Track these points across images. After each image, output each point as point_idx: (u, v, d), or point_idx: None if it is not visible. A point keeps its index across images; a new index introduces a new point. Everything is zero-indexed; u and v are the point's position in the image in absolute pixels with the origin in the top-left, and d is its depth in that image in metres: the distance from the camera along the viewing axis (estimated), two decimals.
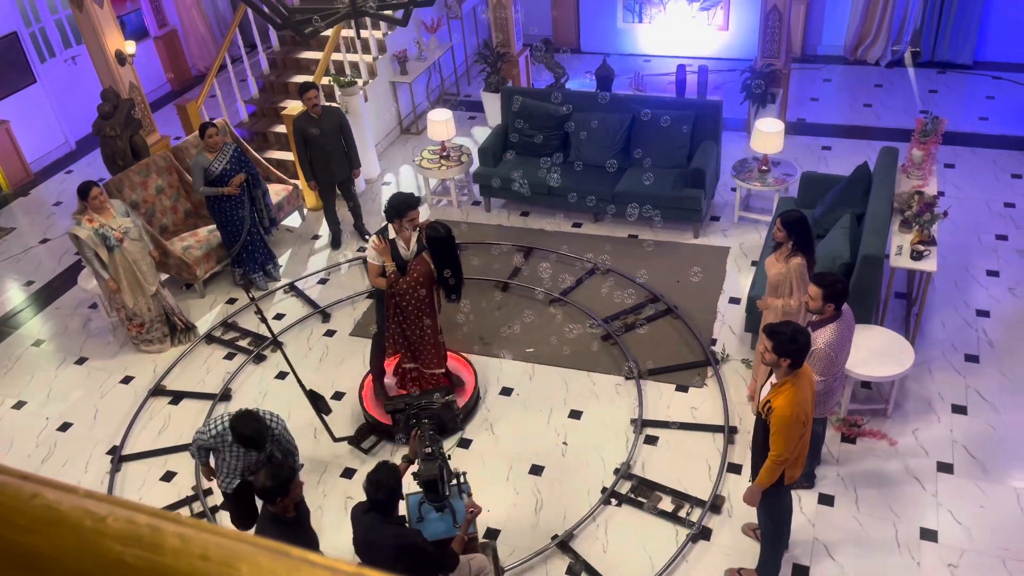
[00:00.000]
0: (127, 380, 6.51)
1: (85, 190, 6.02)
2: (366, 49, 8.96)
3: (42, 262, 8.15)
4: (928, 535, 4.68)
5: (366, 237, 7.66)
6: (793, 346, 3.70)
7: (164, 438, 5.92)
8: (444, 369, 5.61)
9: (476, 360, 6.11)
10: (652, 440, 5.47)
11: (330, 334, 6.75)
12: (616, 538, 4.88)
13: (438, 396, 4.55)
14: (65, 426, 6.15)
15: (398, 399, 4.59)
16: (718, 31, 10.31)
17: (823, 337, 4.23)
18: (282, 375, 6.26)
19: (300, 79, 8.92)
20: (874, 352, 5.27)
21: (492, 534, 4.96)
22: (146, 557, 0.51)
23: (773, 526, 4.31)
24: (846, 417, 5.38)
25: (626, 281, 6.81)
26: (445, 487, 4.16)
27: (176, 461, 5.72)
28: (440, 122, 7.93)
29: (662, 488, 5.12)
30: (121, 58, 7.80)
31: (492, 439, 5.60)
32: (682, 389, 5.83)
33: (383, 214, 5.21)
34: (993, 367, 5.72)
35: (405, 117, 9.74)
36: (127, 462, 5.76)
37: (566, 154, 7.70)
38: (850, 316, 4.38)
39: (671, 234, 7.41)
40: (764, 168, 7.32)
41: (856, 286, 5.29)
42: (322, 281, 7.42)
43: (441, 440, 4.26)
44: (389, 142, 9.47)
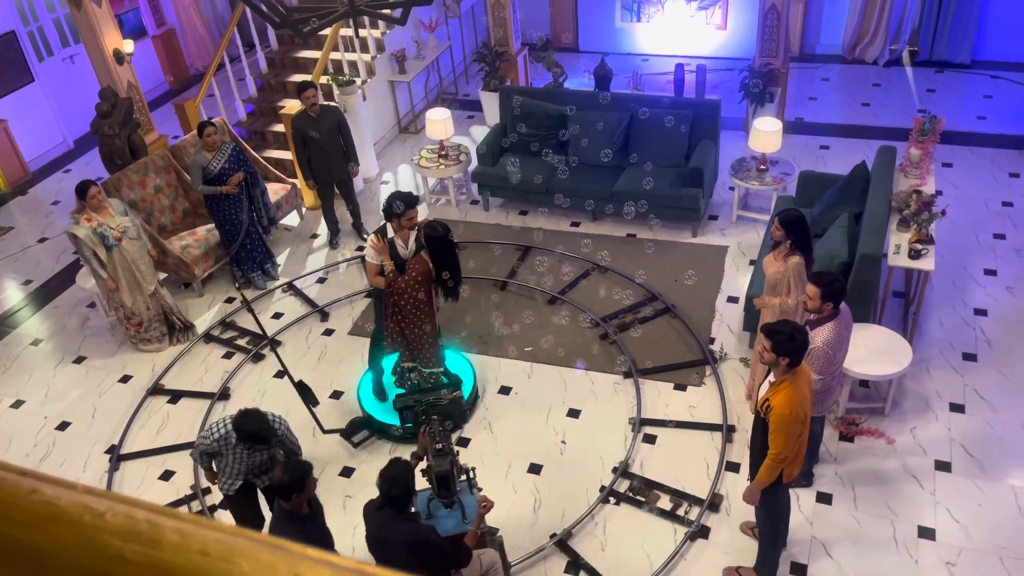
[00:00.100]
0: (125, 379, 6.51)
1: (83, 189, 6.01)
2: (364, 48, 8.95)
3: (40, 261, 8.15)
4: (926, 533, 4.69)
5: (364, 236, 7.66)
6: (791, 345, 3.70)
7: (162, 437, 5.92)
8: (443, 368, 5.61)
9: (475, 359, 6.11)
10: (650, 439, 5.48)
11: (328, 333, 6.75)
12: (615, 537, 4.88)
13: (445, 392, 4.54)
14: (63, 425, 6.15)
15: (407, 395, 4.58)
16: (716, 30, 10.31)
17: (821, 336, 4.23)
18: (280, 374, 6.25)
19: (298, 78, 8.92)
20: (872, 351, 5.28)
21: (490, 533, 4.96)
22: (145, 553, 0.51)
23: (771, 524, 4.32)
24: (844, 416, 5.38)
25: (624, 280, 6.82)
26: (456, 483, 4.17)
27: (175, 460, 5.72)
28: (438, 121, 7.93)
29: (660, 487, 5.13)
30: (119, 57, 7.79)
31: (491, 438, 5.60)
32: (680, 388, 5.83)
33: (381, 213, 5.21)
34: (991, 366, 5.72)
35: (403, 116, 9.74)
36: (125, 461, 5.76)
37: (565, 153, 7.69)
38: (848, 315, 4.39)
39: (669, 233, 7.41)
40: (762, 167, 7.32)
41: (854, 285, 5.29)
42: (320, 280, 7.42)
43: (451, 436, 4.27)
44: (388, 141, 9.47)
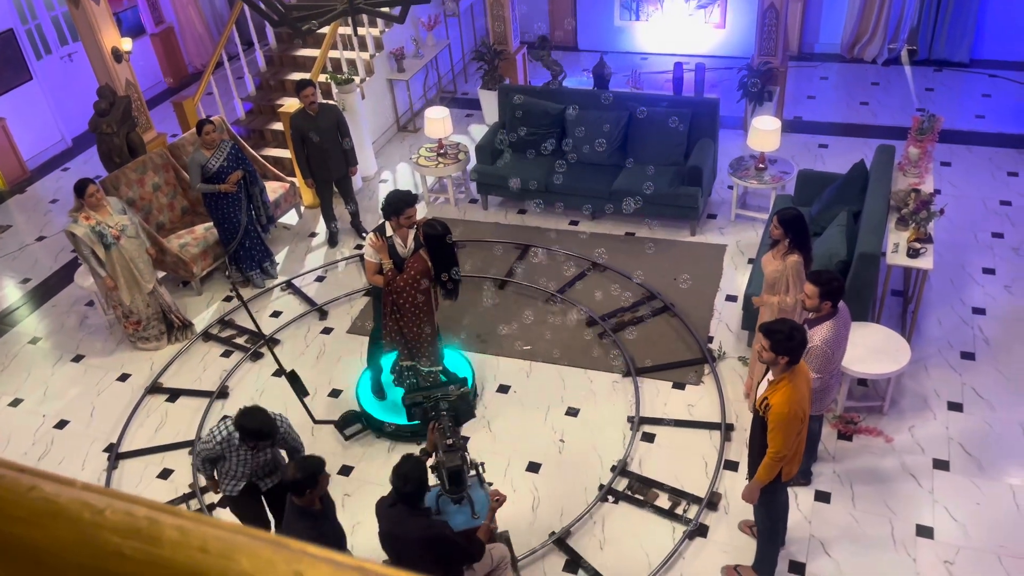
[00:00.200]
0: (124, 378, 6.51)
1: (81, 187, 6.00)
2: (363, 46, 8.95)
3: (38, 260, 8.14)
4: (924, 532, 4.70)
5: (363, 235, 7.65)
6: (790, 344, 3.70)
7: (161, 435, 5.91)
8: (441, 366, 5.61)
9: (473, 357, 6.11)
10: (649, 437, 5.48)
11: (327, 332, 6.75)
12: (613, 535, 4.88)
13: (453, 388, 4.53)
14: (62, 423, 6.15)
15: (415, 392, 4.58)
16: (715, 29, 10.31)
17: (820, 334, 4.24)
18: (279, 373, 6.24)
19: (297, 76, 8.91)
20: (870, 349, 5.28)
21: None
22: (144, 549, 0.51)
23: (770, 523, 4.32)
24: (842, 414, 5.39)
25: (623, 279, 6.82)
26: (466, 478, 4.18)
27: (173, 458, 5.71)
28: (437, 120, 7.93)
29: (659, 485, 5.13)
30: (117, 55, 7.78)
31: (489, 436, 5.60)
32: (679, 387, 5.83)
33: (380, 212, 5.21)
34: (989, 364, 5.73)
35: (402, 115, 9.73)
36: (124, 459, 5.76)
37: (563, 152, 7.69)
38: (846, 313, 4.39)
39: (668, 232, 7.41)
40: (761, 166, 7.32)
41: (852, 283, 5.29)
42: (319, 279, 7.41)
43: (460, 431, 4.28)
44: (386, 139, 9.46)
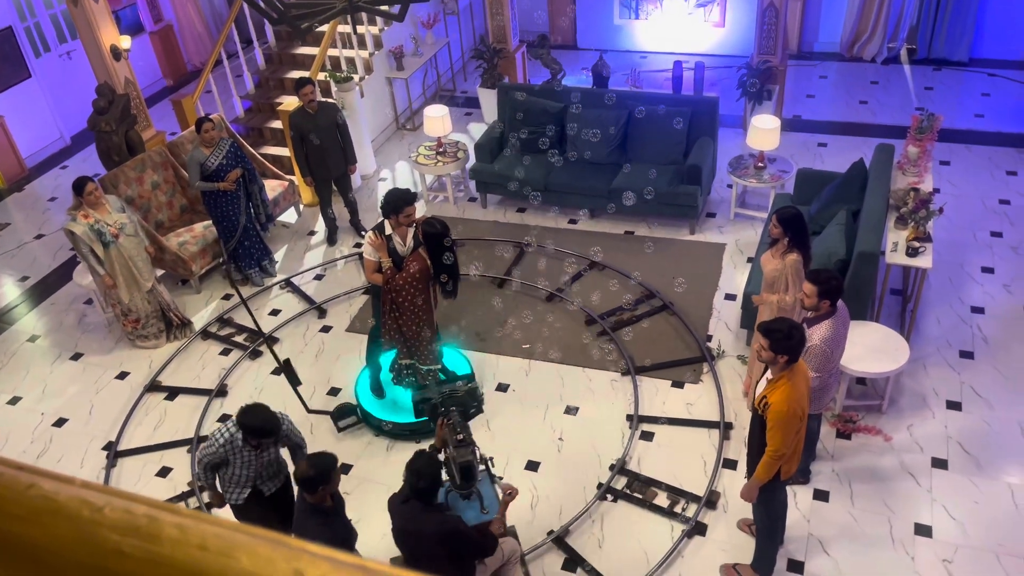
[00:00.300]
0: (123, 376, 6.50)
1: (80, 185, 6.00)
2: (362, 45, 8.94)
3: (37, 258, 8.13)
4: (923, 531, 4.70)
5: (362, 233, 7.65)
6: (789, 343, 3.71)
7: (160, 434, 5.91)
8: (440, 365, 5.61)
9: (472, 356, 6.11)
10: (648, 436, 5.48)
11: (326, 330, 6.74)
12: (612, 534, 4.88)
13: (461, 384, 4.52)
14: (60, 422, 6.14)
15: (424, 390, 4.58)
16: (714, 28, 10.31)
17: (818, 333, 4.24)
18: (278, 371, 6.24)
19: (296, 75, 8.90)
20: (869, 348, 5.28)
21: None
22: (144, 547, 0.51)
23: (768, 521, 4.32)
24: (841, 413, 5.39)
25: (622, 277, 6.82)
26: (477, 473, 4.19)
27: (172, 457, 5.71)
28: (436, 118, 7.92)
29: (658, 484, 5.13)
30: (116, 53, 7.77)
31: (488, 435, 5.60)
32: (678, 385, 5.84)
33: (379, 210, 5.20)
34: (988, 363, 5.73)
35: (401, 113, 9.73)
36: (123, 458, 5.75)
37: (563, 150, 7.69)
38: (845, 312, 4.39)
39: (667, 230, 7.41)
40: (760, 165, 7.32)
41: (852, 282, 5.29)
42: (318, 277, 7.41)
43: (469, 426, 4.29)
44: (385, 138, 9.45)
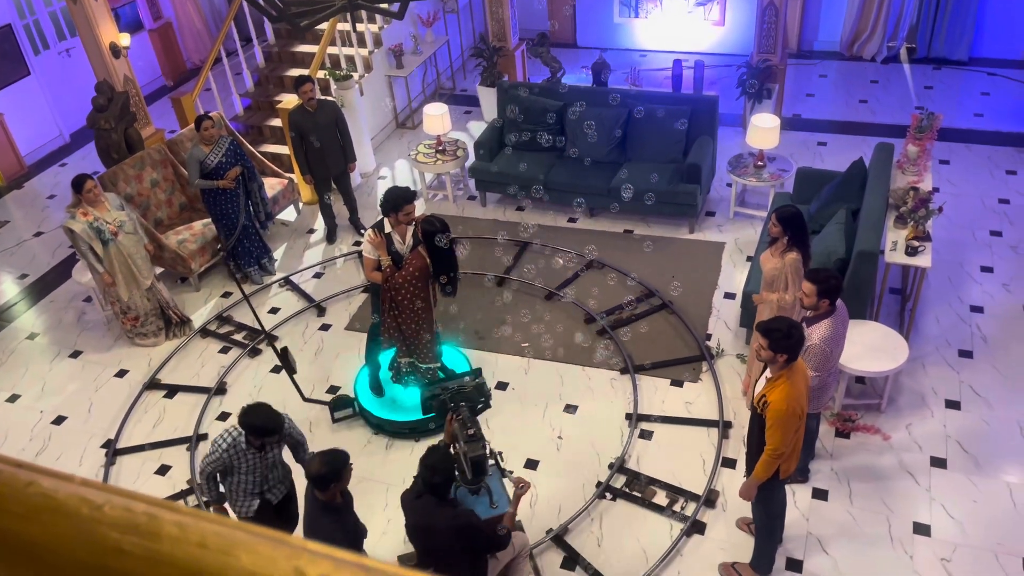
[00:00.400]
0: (122, 374, 6.50)
1: (79, 183, 5.99)
2: (362, 43, 8.93)
3: (36, 255, 8.12)
4: (921, 529, 4.71)
5: (362, 231, 7.65)
6: (788, 342, 3.71)
7: (159, 432, 5.91)
8: (439, 363, 5.61)
9: (472, 354, 6.11)
10: (647, 435, 5.48)
11: (325, 328, 6.74)
12: (611, 532, 4.89)
13: (468, 379, 4.52)
14: (59, 419, 6.14)
15: (432, 386, 4.58)
16: (714, 26, 10.30)
17: (818, 333, 4.24)
18: (277, 369, 6.24)
19: (295, 72, 8.90)
20: (868, 347, 5.29)
21: None
22: (143, 545, 0.51)
23: (767, 520, 4.32)
24: (840, 412, 5.39)
25: (621, 276, 6.82)
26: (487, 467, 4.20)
27: (171, 455, 5.71)
28: (436, 116, 7.92)
29: (657, 482, 5.13)
30: (115, 51, 7.76)
31: (488, 434, 5.59)
32: (677, 384, 5.84)
33: (379, 208, 5.20)
34: (987, 362, 5.74)
35: (401, 111, 9.72)
36: (122, 456, 5.75)
37: (562, 149, 7.69)
38: (844, 312, 4.39)
39: (666, 229, 7.41)
40: (760, 164, 7.32)
41: (851, 281, 5.30)
42: (317, 275, 7.40)
43: (479, 421, 4.31)
44: (385, 136, 9.45)
